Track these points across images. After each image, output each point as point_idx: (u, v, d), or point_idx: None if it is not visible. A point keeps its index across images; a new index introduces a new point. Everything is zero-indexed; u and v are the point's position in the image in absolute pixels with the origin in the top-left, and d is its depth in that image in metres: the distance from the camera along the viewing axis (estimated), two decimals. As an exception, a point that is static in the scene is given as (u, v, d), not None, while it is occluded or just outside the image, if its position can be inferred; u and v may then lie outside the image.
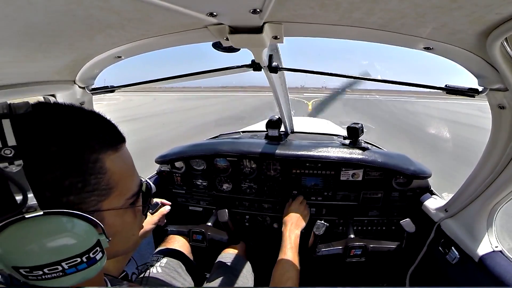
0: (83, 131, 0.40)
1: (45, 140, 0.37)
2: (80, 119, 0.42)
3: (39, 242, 0.35)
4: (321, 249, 1.23)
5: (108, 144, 0.43)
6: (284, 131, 1.78)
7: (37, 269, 0.36)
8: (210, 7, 0.53)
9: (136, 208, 0.50)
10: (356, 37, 0.71)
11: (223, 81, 43.05)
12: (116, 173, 0.43)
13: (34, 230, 0.35)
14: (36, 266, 0.35)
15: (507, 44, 0.57)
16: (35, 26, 0.52)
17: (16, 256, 0.35)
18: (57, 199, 0.37)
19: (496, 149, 0.87)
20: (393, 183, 1.37)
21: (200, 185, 1.57)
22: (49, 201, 0.36)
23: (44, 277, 0.36)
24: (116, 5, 0.49)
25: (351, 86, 22.39)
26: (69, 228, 0.37)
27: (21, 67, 0.70)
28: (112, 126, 0.46)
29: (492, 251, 0.93)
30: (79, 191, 0.38)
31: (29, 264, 0.35)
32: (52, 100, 0.97)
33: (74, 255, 0.37)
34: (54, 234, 0.36)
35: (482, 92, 0.76)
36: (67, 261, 0.37)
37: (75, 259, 0.38)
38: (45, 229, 0.36)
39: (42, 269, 0.36)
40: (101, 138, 0.42)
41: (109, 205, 0.43)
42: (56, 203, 0.37)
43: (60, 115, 0.40)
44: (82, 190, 0.39)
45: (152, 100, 23.47)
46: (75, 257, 0.38)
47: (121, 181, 0.44)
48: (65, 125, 0.39)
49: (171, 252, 1.30)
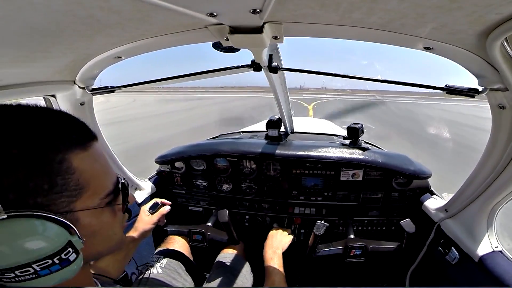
0: (46, 131, 0.39)
1: (5, 143, 0.36)
2: (44, 119, 0.41)
3: (6, 244, 0.35)
4: (321, 249, 1.23)
5: (76, 143, 0.42)
6: (284, 131, 1.78)
7: (8, 271, 0.35)
8: (210, 7, 0.53)
9: (116, 207, 0.49)
10: (356, 37, 0.71)
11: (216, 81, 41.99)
12: (87, 172, 0.42)
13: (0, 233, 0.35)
14: (7, 269, 0.35)
15: (507, 44, 0.57)
16: (35, 26, 0.52)
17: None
18: (23, 201, 0.36)
19: (496, 149, 0.87)
20: (393, 183, 1.37)
21: (200, 185, 1.57)
22: (14, 204, 0.35)
23: (17, 279, 0.36)
24: (116, 5, 0.49)
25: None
26: (36, 230, 0.36)
27: (21, 67, 0.70)
28: (80, 124, 0.45)
29: (492, 251, 0.93)
30: (46, 192, 0.38)
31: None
32: (52, 100, 0.97)
33: (43, 256, 0.37)
34: (20, 236, 0.36)
35: (482, 92, 0.76)
36: (37, 263, 0.37)
37: (46, 261, 0.37)
38: (10, 231, 0.35)
39: (14, 271, 0.36)
40: (66, 138, 0.41)
41: (83, 205, 0.42)
42: (22, 205, 0.36)
43: (22, 116, 0.39)
44: (50, 192, 0.38)
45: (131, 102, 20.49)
46: (45, 259, 0.37)
47: (93, 180, 0.43)
48: (26, 126, 0.38)
49: (171, 252, 1.30)
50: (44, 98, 0.96)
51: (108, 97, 13.23)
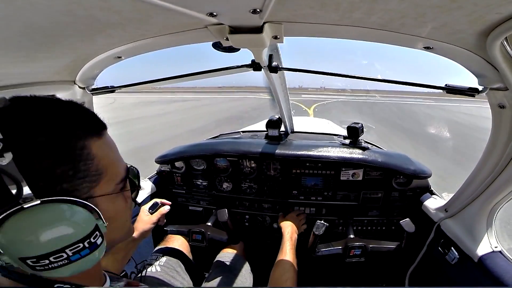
0: (67, 120, 0.41)
1: (32, 131, 0.37)
2: (62, 108, 0.42)
3: (41, 231, 0.36)
4: (321, 249, 1.23)
5: (92, 131, 0.43)
6: (284, 131, 1.78)
7: (43, 258, 0.36)
8: (210, 7, 0.53)
9: (125, 194, 0.51)
10: (356, 37, 0.71)
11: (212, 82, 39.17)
12: (103, 158, 0.43)
13: (34, 220, 0.36)
14: (42, 255, 0.36)
15: (507, 43, 0.57)
16: (35, 26, 0.52)
17: (20, 247, 0.36)
18: (51, 187, 0.38)
19: (496, 149, 0.87)
20: (393, 183, 1.37)
21: (200, 185, 1.57)
22: (43, 190, 0.37)
23: (51, 266, 0.37)
24: (116, 5, 0.49)
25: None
26: (68, 214, 0.38)
27: (21, 67, 0.70)
28: (92, 114, 0.47)
29: (491, 252, 0.93)
30: (71, 178, 0.39)
31: (34, 253, 0.36)
32: None
33: (76, 240, 0.38)
34: (54, 222, 0.37)
35: (482, 92, 0.76)
36: (70, 247, 0.38)
37: (78, 245, 0.39)
38: (45, 217, 0.36)
39: (48, 257, 0.37)
40: (84, 126, 0.43)
41: (101, 191, 0.43)
42: (50, 191, 0.37)
43: (41, 106, 0.41)
44: (74, 177, 0.40)
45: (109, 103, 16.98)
46: (77, 243, 0.38)
47: (109, 166, 0.44)
48: (49, 115, 0.40)
49: (170, 251, 1.30)
50: None
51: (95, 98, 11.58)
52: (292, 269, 1.05)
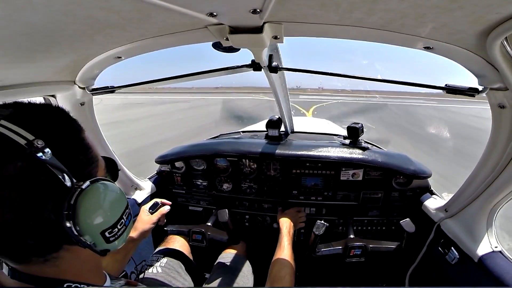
0: (69, 118, 0.47)
1: (53, 129, 0.43)
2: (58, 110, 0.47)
3: (104, 205, 0.44)
4: (321, 249, 1.23)
5: (80, 125, 0.49)
6: (284, 131, 1.78)
7: (114, 226, 0.45)
8: (210, 7, 0.53)
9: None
10: (356, 37, 0.71)
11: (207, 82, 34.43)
12: (94, 147, 0.49)
13: (95, 198, 0.43)
14: (113, 224, 0.44)
15: (507, 43, 0.57)
16: (35, 26, 0.52)
17: (98, 222, 0.43)
18: (81, 173, 0.43)
19: (496, 149, 0.87)
20: (393, 183, 1.37)
21: (200, 185, 1.57)
22: (79, 177, 0.42)
23: (118, 234, 0.46)
24: (116, 5, 0.49)
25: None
26: (110, 189, 0.46)
27: (21, 67, 0.70)
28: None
29: (491, 251, 0.93)
30: (87, 164, 0.46)
31: (108, 224, 0.44)
32: (52, 100, 0.97)
33: (124, 207, 0.48)
34: (107, 196, 0.45)
35: (482, 92, 0.76)
36: (124, 213, 0.47)
37: (126, 210, 0.48)
38: (99, 194, 0.43)
39: (116, 225, 0.45)
40: (75, 121, 0.48)
41: (100, 174, 0.50)
42: (81, 177, 0.43)
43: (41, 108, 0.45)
44: (88, 163, 0.46)
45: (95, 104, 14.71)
46: (126, 209, 0.48)
47: (98, 154, 0.50)
48: (59, 116, 0.46)
49: (171, 252, 1.30)
50: (44, 99, 0.96)
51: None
52: (290, 265, 1.05)
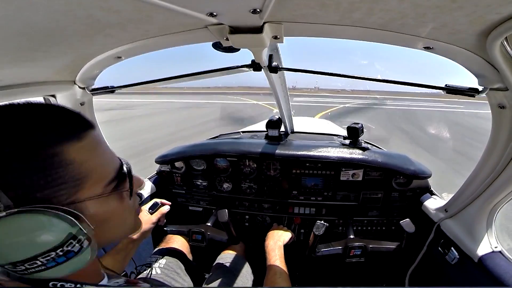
0: (35, 128, 0.39)
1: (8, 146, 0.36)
2: (32, 116, 0.41)
3: (13, 239, 0.36)
4: (320, 249, 1.23)
5: (69, 135, 0.41)
6: (284, 131, 1.78)
7: (19, 264, 0.37)
8: (210, 7, 0.53)
9: (124, 193, 0.49)
10: (356, 37, 0.71)
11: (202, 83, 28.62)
12: (85, 162, 0.42)
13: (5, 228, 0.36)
14: (17, 262, 0.37)
15: (507, 43, 0.57)
16: (35, 26, 0.52)
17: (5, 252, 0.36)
18: (26, 196, 0.37)
19: (496, 149, 0.87)
20: (393, 183, 1.37)
21: (200, 185, 1.57)
22: (18, 200, 0.36)
23: (28, 271, 0.38)
24: (116, 5, 0.49)
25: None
26: (35, 224, 0.37)
27: (21, 67, 0.70)
28: (73, 115, 0.44)
29: (491, 252, 0.92)
30: (44, 187, 0.38)
31: (10, 260, 0.37)
32: (52, 100, 0.97)
33: (46, 249, 0.37)
34: (22, 232, 0.36)
35: (482, 92, 0.76)
36: (42, 256, 0.37)
37: (49, 254, 0.37)
38: (14, 227, 0.36)
39: (23, 264, 0.37)
40: (58, 131, 0.41)
41: (87, 194, 0.42)
42: (26, 201, 0.37)
43: (9, 115, 0.39)
44: (47, 186, 0.38)
45: None
46: (48, 252, 0.37)
47: (93, 169, 0.43)
48: (15, 125, 0.39)
49: (170, 252, 1.30)
50: (44, 98, 0.96)
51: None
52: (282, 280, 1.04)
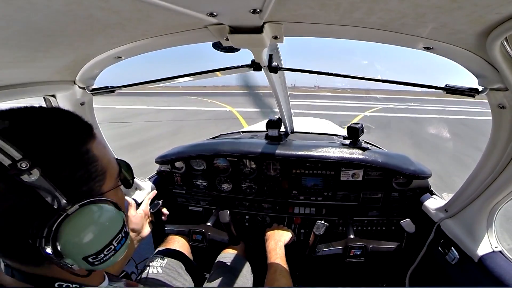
0: (69, 128, 0.44)
1: (48, 145, 0.40)
2: (60, 117, 0.45)
3: (91, 230, 0.41)
4: (321, 249, 1.23)
5: (88, 133, 0.46)
6: (284, 131, 1.78)
7: (99, 253, 0.42)
8: (210, 7, 0.53)
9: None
10: (356, 37, 0.71)
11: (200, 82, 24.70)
12: (103, 157, 0.46)
13: (82, 222, 0.40)
14: (99, 251, 0.42)
15: (507, 43, 0.57)
16: (35, 26, 0.52)
17: (81, 248, 0.41)
18: (75, 192, 0.41)
19: (496, 149, 0.87)
20: (393, 183, 1.37)
21: (200, 185, 1.57)
22: (70, 196, 0.40)
23: (104, 258, 0.43)
24: (116, 5, 0.49)
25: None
26: (103, 212, 0.43)
27: (21, 67, 0.70)
28: (80, 116, 0.49)
29: (491, 252, 0.93)
30: (86, 181, 0.43)
31: (94, 251, 0.41)
32: (52, 100, 0.97)
33: (117, 232, 0.44)
34: (97, 220, 0.42)
35: (482, 92, 0.76)
36: (115, 239, 0.44)
37: (119, 235, 0.45)
38: (88, 218, 0.41)
39: (103, 251, 0.42)
40: (81, 130, 0.45)
41: (107, 187, 0.47)
42: (75, 196, 0.41)
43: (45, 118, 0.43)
44: (88, 180, 0.43)
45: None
46: (118, 234, 0.45)
47: (108, 164, 0.48)
48: (54, 126, 0.42)
49: (171, 252, 1.30)
50: (44, 98, 0.96)
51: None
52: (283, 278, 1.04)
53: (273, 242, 1.24)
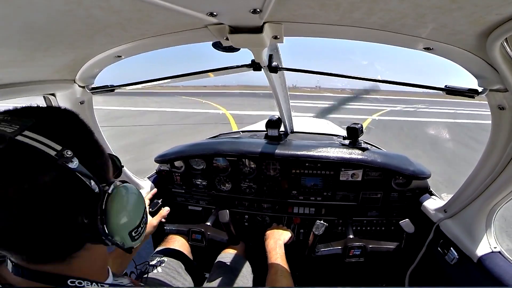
0: (83, 122, 0.48)
1: (76, 136, 0.44)
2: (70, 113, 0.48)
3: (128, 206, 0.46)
4: (320, 249, 1.23)
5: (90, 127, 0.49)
6: (284, 131, 1.78)
7: (138, 226, 0.47)
8: (210, 7, 0.53)
9: None
10: (356, 37, 0.71)
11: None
12: (104, 150, 0.50)
13: (121, 200, 0.45)
14: (138, 224, 0.47)
15: (507, 44, 0.57)
16: (35, 26, 0.52)
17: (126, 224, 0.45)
18: (101, 177, 0.45)
19: (496, 150, 0.87)
20: (392, 184, 1.37)
21: (199, 184, 1.57)
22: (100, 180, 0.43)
23: (141, 232, 0.49)
24: (116, 5, 0.49)
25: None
26: (131, 191, 0.48)
27: (21, 66, 0.70)
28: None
29: (491, 252, 0.93)
30: (103, 168, 0.48)
31: (135, 224, 0.46)
32: (52, 99, 0.97)
33: (144, 207, 0.50)
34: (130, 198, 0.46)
35: (482, 93, 0.76)
36: (144, 213, 0.50)
37: (145, 210, 0.50)
38: (125, 197, 0.45)
39: (140, 224, 0.48)
40: (87, 125, 0.49)
41: (111, 175, 0.51)
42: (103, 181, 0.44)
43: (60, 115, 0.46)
44: (103, 166, 0.48)
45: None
46: (144, 210, 0.50)
47: (107, 155, 0.51)
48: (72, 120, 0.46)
49: (171, 252, 1.30)
50: (44, 97, 0.96)
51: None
52: (283, 278, 1.04)
53: (273, 241, 1.24)
